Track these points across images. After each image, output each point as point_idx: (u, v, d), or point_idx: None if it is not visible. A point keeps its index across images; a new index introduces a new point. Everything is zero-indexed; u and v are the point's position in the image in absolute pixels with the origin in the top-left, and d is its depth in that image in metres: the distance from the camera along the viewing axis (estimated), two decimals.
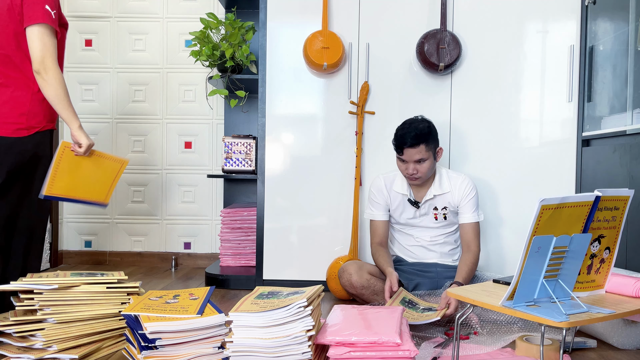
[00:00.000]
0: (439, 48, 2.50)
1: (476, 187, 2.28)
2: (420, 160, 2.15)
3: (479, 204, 2.28)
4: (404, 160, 2.18)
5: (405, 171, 2.20)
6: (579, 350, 1.79)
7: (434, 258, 2.33)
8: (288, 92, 2.67)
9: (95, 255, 3.40)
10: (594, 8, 2.53)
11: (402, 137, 2.15)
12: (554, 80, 2.59)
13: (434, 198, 2.27)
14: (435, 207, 2.28)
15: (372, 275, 2.24)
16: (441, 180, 2.28)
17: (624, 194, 1.37)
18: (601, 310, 1.27)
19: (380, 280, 2.23)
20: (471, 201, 2.24)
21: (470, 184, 2.26)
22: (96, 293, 1.63)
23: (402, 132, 2.17)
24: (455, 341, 1.51)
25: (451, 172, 2.33)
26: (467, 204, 2.24)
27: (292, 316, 1.38)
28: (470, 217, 2.23)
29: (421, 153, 2.14)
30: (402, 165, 2.21)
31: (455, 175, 2.29)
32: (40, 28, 1.65)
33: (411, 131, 2.14)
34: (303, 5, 2.65)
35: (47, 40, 1.65)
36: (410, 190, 2.29)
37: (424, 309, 1.98)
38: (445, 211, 2.28)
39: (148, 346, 1.42)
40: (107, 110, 3.39)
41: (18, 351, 1.52)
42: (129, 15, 3.36)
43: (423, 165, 2.17)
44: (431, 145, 2.17)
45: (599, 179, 2.38)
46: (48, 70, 1.68)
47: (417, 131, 2.13)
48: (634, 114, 2.20)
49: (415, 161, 2.16)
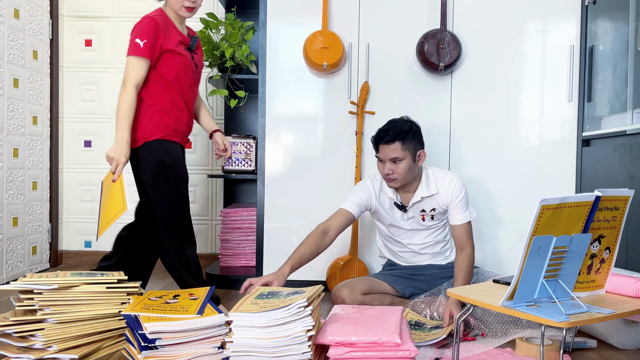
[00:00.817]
0: (439, 48, 2.50)
1: (464, 185, 2.19)
2: (395, 160, 2.08)
3: (469, 202, 2.20)
4: (380, 158, 2.13)
5: (382, 171, 2.14)
6: (579, 350, 1.79)
7: (426, 260, 2.30)
8: (288, 92, 2.67)
9: (95, 255, 3.40)
10: (594, 8, 2.53)
11: (379, 133, 2.12)
12: (554, 80, 2.59)
13: (422, 200, 2.19)
14: (423, 210, 2.22)
15: (365, 295, 2.17)
16: (428, 181, 2.19)
17: (624, 194, 1.37)
18: (601, 310, 1.27)
19: (374, 298, 2.18)
20: (461, 202, 2.16)
21: (458, 183, 2.17)
22: (96, 293, 1.63)
23: (381, 128, 2.13)
24: (455, 342, 1.51)
25: (438, 171, 2.23)
26: (457, 205, 2.16)
27: (292, 316, 1.38)
28: (462, 218, 2.15)
29: (396, 151, 2.07)
30: (380, 165, 2.15)
31: (442, 175, 2.20)
32: (128, 58, 2.04)
33: (390, 129, 2.10)
34: (303, 5, 2.65)
35: (129, 67, 2.03)
36: (396, 194, 2.22)
37: (432, 327, 1.94)
38: (433, 212, 2.22)
39: (148, 346, 1.42)
40: (107, 110, 3.39)
41: (18, 351, 1.52)
42: (129, 15, 3.36)
43: (399, 166, 2.08)
44: (409, 145, 2.09)
45: (599, 179, 2.38)
46: (121, 90, 2.03)
47: (396, 129, 2.08)
48: (634, 114, 2.20)
49: (390, 160, 2.09)
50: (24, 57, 2.98)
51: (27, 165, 3.02)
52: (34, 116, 3.08)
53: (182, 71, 2.14)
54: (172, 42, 2.09)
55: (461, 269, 2.09)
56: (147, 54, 2.02)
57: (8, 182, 2.85)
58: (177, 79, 2.13)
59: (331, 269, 2.56)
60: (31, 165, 3.06)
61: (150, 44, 2.02)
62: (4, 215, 2.82)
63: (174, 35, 2.11)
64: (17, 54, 2.91)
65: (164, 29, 2.07)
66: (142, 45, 2.00)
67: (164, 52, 2.08)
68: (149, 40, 2.01)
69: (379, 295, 2.19)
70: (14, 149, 2.90)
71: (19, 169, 2.95)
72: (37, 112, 3.11)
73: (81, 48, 3.38)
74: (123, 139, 2.01)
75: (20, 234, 2.97)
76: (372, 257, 2.60)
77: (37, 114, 3.12)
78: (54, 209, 3.29)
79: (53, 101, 3.26)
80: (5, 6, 2.80)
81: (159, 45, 2.05)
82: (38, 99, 3.12)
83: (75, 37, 3.37)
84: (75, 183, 3.40)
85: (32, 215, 3.08)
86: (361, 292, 2.16)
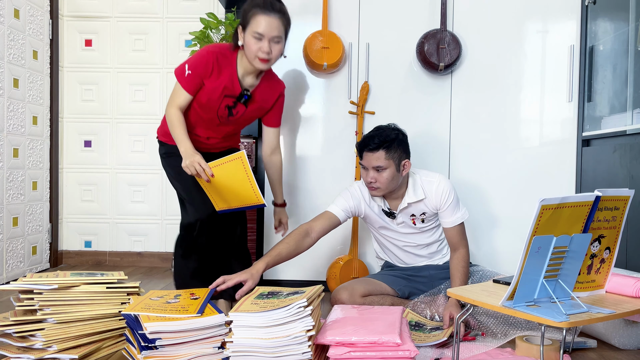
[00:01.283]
0: (439, 48, 2.50)
1: (453, 187, 2.15)
2: (378, 168, 2.03)
3: (459, 203, 2.16)
4: (364, 166, 2.08)
5: (365, 179, 2.09)
6: (579, 350, 1.79)
7: (424, 261, 2.28)
8: (288, 92, 2.67)
9: (95, 255, 3.40)
10: (594, 8, 2.53)
11: (363, 140, 2.07)
12: (554, 80, 2.59)
13: (409, 206, 2.15)
14: (413, 214, 2.18)
15: (365, 297, 2.16)
16: (415, 187, 2.15)
17: (624, 194, 1.37)
18: (601, 310, 1.27)
19: (374, 300, 2.17)
20: (451, 205, 2.12)
21: (446, 187, 2.12)
22: (96, 293, 1.63)
23: (366, 135, 2.09)
24: (456, 342, 1.50)
25: (424, 175, 2.18)
26: (447, 209, 2.12)
27: (292, 316, 1.38)
28: (453, 221, 2.12)
29: (380, 160, 2.02)
30: (363, 172, 2.11)
31: (429, 180, 2.15)
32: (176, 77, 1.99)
33: (375, 136, 2.04)
34: (303, 5, 2.65)
35: (174, 88, 1.98)
36: (384, 201, 2.19)
37: (432, 328, 1.93)
38: (423, 216, 2.18)
39: (148, 346, 1.42)
40: (107, 110, 3.39)
41: (18, 351, 1.52)
42: (129, 15, 3.36)
43: (382, 175, 2.04)
44: (393, 154, 2.04)
45: (599, 179, 2.38)
46: (167, 107, 1.99)
47: (382, 137, 2.03)
48: (634, 114, 2.20)
49: (374, 168, 2.04)
50: (24, 57, 2.98)
51: (27, 165, 3.02)
52: (34, 116, 3.08)
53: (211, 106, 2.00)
54: (216, 83, 1.96)
55: (457, 270, 2.08)
56: (188, 86, 1.94)
57: (8, 182, 2.85)
58: (200, 104, 2.01)
59: (331, 269, 2.56)
60: (31, 165, 3.06)
61: (194, 75, 1.93)
62: (4, 215, 2.82)
63: (223, 79, 1.97)
64: (17, 54, 2.91)
65: (216, 68, 1.95)
66: (186, 75, 1.93)
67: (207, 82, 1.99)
68: (194, 72, 1.93)
69: (379, 297, 2.19)
70: (14, 149, 2.90)
71: (19, 169, 2.95)
72: (37, 112, 3.11)
73: (81, 48, 3.38)
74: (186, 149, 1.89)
75: (20, 234, 2.97)
76: (372, 257, 2.60)
77: (37, 114, 3.12)
78: (54, 209, 3.29)
79: (53, 101, 3.26)
80: (5, 6, 2.80)
81: (202, 81, 1.96)
82: (38, 99, 3.12)
83: (75, 37, 3.37)
84: (75, 183, 3.41)
85: (32, 215, 3.09)
86: (361, 295, 2.15)
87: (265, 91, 2.07)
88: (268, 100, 2.09)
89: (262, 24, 1.85)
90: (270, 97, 2.08)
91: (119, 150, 3.39)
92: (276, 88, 2.11)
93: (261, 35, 1.86)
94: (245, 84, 2.01)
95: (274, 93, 2.10)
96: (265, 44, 1.86)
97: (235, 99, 2.00)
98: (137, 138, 3.38)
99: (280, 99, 2.13)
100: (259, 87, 2.05)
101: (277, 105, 2.13)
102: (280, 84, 2.13)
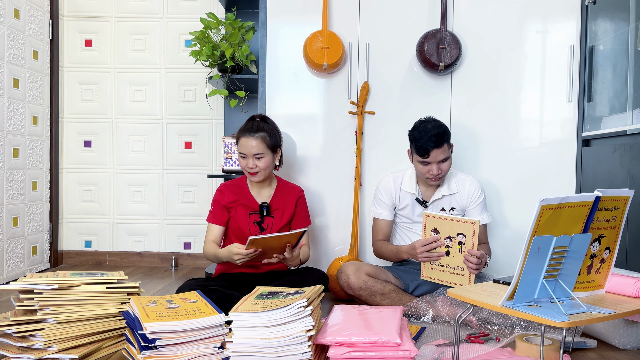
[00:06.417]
0: (439, 48, 2.50)
1: (484, 189, 2.32)
2: (444, 160, 2.19)
3: (486, 206, 2.31)
4: (427, 162, 2.19)
5: (429, 172, 2.20)
6: (579, 350, 1.79)
7: None
8: (288, 92, 2.68)
9: (95, 255, 3.40)
10: (594, 8, 2.53)
11: (427, 140, 2.15)
12: (554, 80, 2.59)
13: (442, 198, 2.29)
14: (443, 208, 2.30)
15: (370, 277, 2.20)
16: (450, 181, 2.31)
17: (624, 194, 1.37)
18: (601, 310, 1.27)
19: (378, 282, 2.20)
20: (480, 204, 2.29)
21: (478, 186, 2.30)
22: (96, 293, 1.63)
23: (424, 135, 2.16)
24: (455, 342, 1.50)
25: (460, 173, 2.36)
26: (476, 207, 2.29)
27: (292, 316, 1.38)
28: (480, 220, 2.20)
29: (445, 152, 2.17)
30: (425, 168, 2.20)
31: (464, 177, 2.33)
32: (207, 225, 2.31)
33: (434, 133, 2.15)
34: (303, 5, 2.65)
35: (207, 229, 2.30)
36: (418, 190, 2.32)
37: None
38: (452, 212, 2.30)
39: (148, 346, 1.42)
40: (107, 110, 3.39)
41: (18, 351, 1.52)
42: (129, 15, 3.36)
43: (446, 164, 2.20)
44: (450, 142, 2.22)
45: (599, 179, 2.38)
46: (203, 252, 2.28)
47: (439, 130, 2.16)
48: (634, 114, 2.20)
49: (439, 161, 2.18)
50: (24, 57, 2.98)
51: (27, 165, 3.02)
52: (34, 116, 3.08)
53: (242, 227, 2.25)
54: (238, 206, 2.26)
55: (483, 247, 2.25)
56: (214, 220, 2.28)
57: (8, 182, 2.85)
58: (235, 234, 2.27)
59: (331, 269, 2.56)
60: (31, 165, 3.06)
61: (216, 207, 2.28)
62: (4, 215, 2.82)
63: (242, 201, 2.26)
64: (17, 54, 2.91)
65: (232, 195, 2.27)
66: (210, 212, 2.29)
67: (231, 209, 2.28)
68: (215, 206, 2.28)
69: (382, 282, 2.21)
70: (14, 149, 2.90)
71: (19, 169, 2.95)
72: (37, 112, 3.11)
73: (81, 48, 3.38)
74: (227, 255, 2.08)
75: (20, 234, 2.97)
76: (372, 257, 2.60)
77: (37, 114, 3.12)
78: (54, 209, 3.29)
79: (53, 101, 3.26)
80: (5, 6, 2.80)
81: (226, 210, 2.27)
82: (38, 99, 3.12)
83: (75, 37, 3.37)
84: (75, 183, 3.41)
85: (32, 215, 3.09)
86: (366, 273, 2.22)
87: (282, 197, 2.31)
88: (288, 204, 2.31)
89: (244, 145, 2.19)
90: (289, 201, 2.31)
91: (119, 150, 3.39)
92: (292, 192, 2.34)
93: (244, 155, 2.19)
94: (261, 199, 2.28)
95: (291, 197, 2.32)
96: (250, 160, 2.18)
97: (259, 214, 2.26)
98: (137, 138, 3.38)
99: (300, 201, 2.35)
100: (275, 197, 2.30)
101: (299, 206, 2.35)
102: (296, 188, 2.36)
